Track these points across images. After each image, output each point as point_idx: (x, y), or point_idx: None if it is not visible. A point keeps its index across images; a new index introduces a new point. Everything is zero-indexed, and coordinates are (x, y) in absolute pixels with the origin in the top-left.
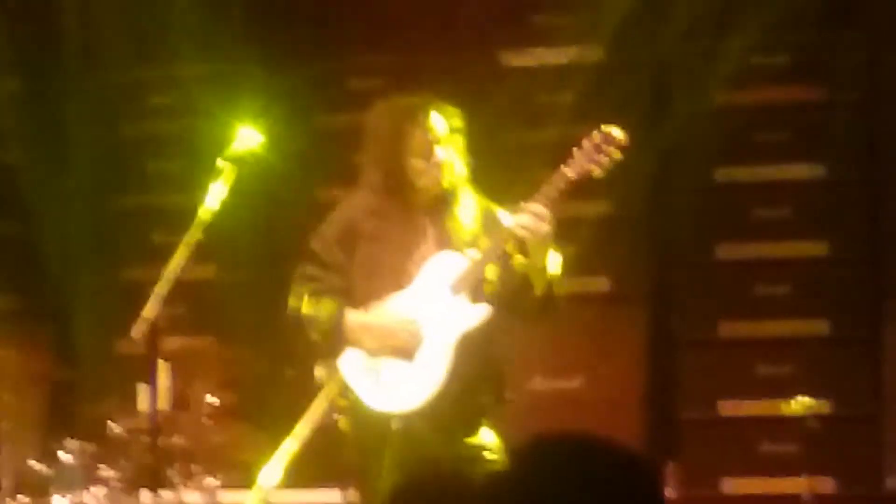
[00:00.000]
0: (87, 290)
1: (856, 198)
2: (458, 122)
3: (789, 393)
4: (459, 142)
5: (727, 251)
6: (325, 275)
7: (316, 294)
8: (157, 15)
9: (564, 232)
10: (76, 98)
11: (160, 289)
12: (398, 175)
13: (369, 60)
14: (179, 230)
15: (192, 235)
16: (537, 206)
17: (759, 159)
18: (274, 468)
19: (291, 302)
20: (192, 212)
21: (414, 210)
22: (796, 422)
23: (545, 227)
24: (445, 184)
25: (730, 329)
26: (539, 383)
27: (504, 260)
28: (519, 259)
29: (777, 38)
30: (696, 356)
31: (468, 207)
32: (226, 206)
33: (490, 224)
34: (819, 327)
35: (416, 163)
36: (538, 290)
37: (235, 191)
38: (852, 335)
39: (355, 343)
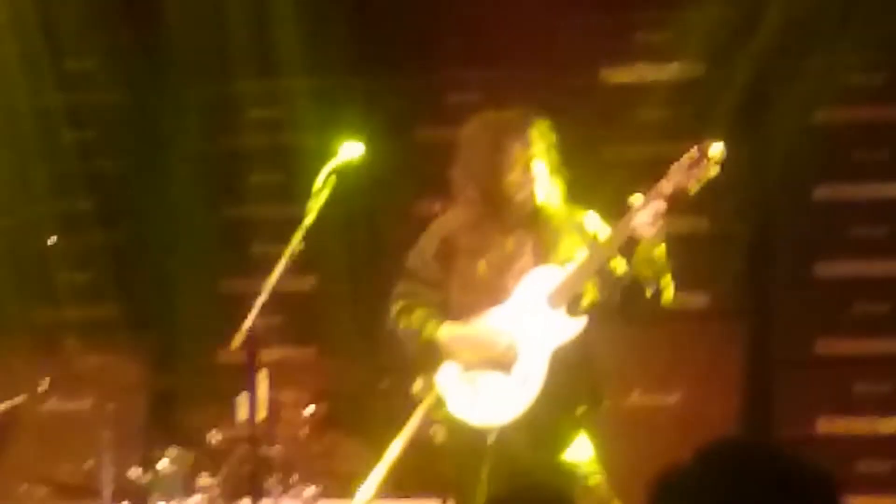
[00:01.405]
0: (187, 300)
1: None
2: (554, 136)
3: (888, 411)
4: (556, 156)
5: (826, 269)
6: (423, 290)
7: (414, 309)
8: (260, 28)
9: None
10: (180, 109)
11: (260, 299)
12: (495, 189)
13: (468, 75)
14: (280, 242)
15: (293, 247)
16: (655, 203)
17: (859, 177)
18: (372, 481)
19: (390, 316)
20: (293, 224)
21: (511, 224)
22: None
23: (660, 223)
24: (543, 198)
25: (828, 347)
26: (637, 398)
27: (605, 271)
28: (622, 266)
29: (876, 56)
30: (793, 374)
31: (564, 220)
32: (326, 218)
33: (586, 237)
34: None
35: (513, 177)
36: (648, 290)
37: (336, 203)
38: None
39: (452, 356)
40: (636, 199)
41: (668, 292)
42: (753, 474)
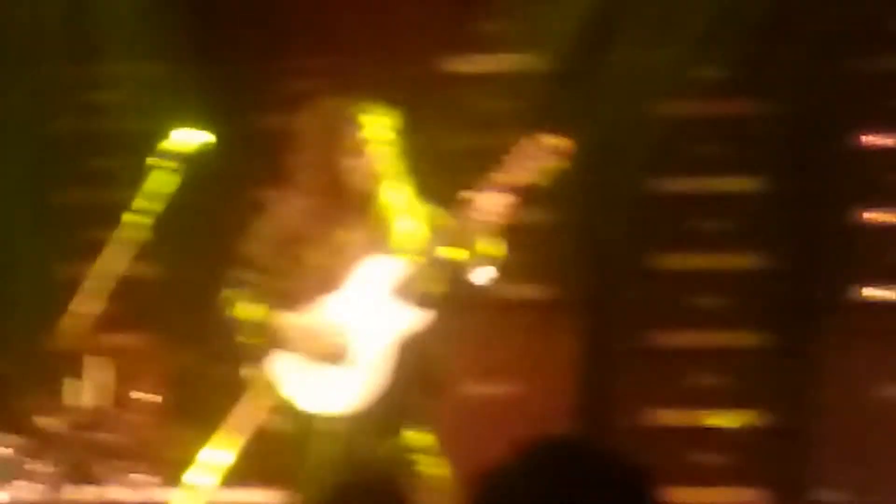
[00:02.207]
0: (20, 285)
1: (791, 210)
2: (391, 123)
3: (720, 404)
4: (393, 143)
5: (663, 261)
6: (258, 278)
7: (249, 297)
8: (99, 11)
9: (503, 239)
10: (14, 92)
11: (92, 284)
12: (329, 176)
13: (310, 63)
14: (115, 227)
15: (127, 232)
16: (493, 194)
17: (697, 170)
18: (204, 467)
19: (225, 304)
20: (128, 209)
21: (348, 211)
22: (725, 433)
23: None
24: (379, 185)
25: (663, 339)
26: (472, 388)
27: (441, 262)
28: (453, 253)
29: (715, 50)
30: (629, 365)
31: (403, 209)
32: (165, 204)
33: (427, 226)
34: (752, 339)
35: (348, 163)
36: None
37: (174, 189)
38: (785, 347)
39: (288, 346)
40: (475, 190)
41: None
42: (569, 472)
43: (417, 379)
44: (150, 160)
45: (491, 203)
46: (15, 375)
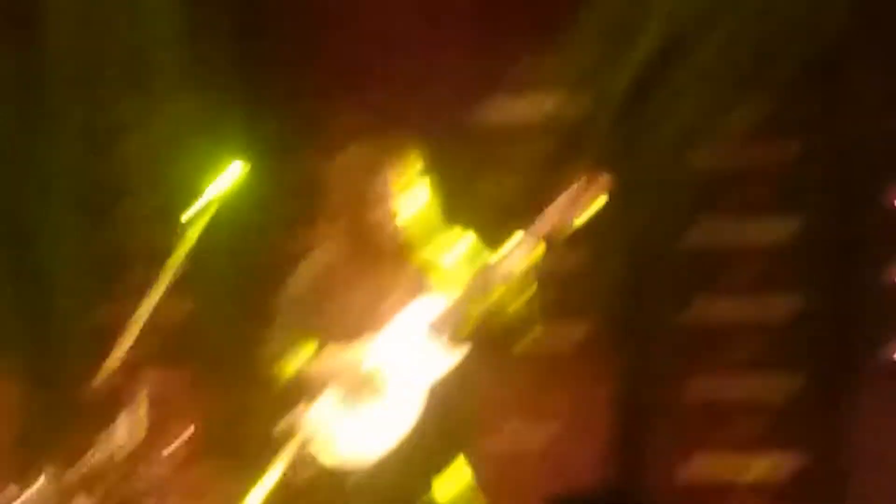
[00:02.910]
0: (63, 325)
1: (831, 255)
2: (425, 167)
3: (759, 453)
4: (428, 187)
5: (698, 309)
6: (298, 321)
7: (290, 340)
8: (141, 48)
9: (539, 283)
10: (57, 132)
11: (137, 323)
12: (364, 222)
13: (348, 103)
14: (157, 266)
15: (170, 271)
16: (524, 245)
17: (731, 217)
18: None
19: (267, 346)
20: (170, 248)
21: (383, 257)
22: (764, 482)
23: (528, 265)
24: (414, 229)
25: (698, 389)
26: (506, 436)
27: (477, 305)
28: (496, 300)
29: (750, 95)
30: (665, 415)
31: (440, 254)
32: (205, 241)
33: (462, 270)
34: (788, 386)
35: (382, 209)
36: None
37: (215, 227)
38: (824, 395)
39: (325, 390)
40: (519, 234)
41: (534, 330)
42: None
43: (452, 423)
44: (191, 199)
45: (523, 253)
46: (59, 414)
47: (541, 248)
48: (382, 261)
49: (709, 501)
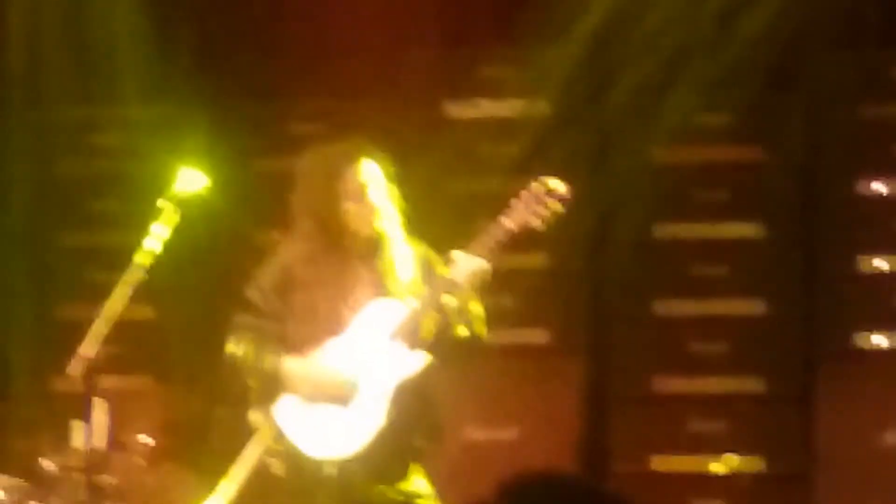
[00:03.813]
0: (22, 326)
1: (793, 258)
2: (391, 168)
3: (720, 450)
4: (393, 187)
5: (664, 307)
6: (261, 322)
7: (253, 341)
8: (102, 55)
9: (503, 283)
10: (17, 134)
11: (98, 327)
12: (331, 220)
13: (311, 105)
14: (118, 269)
15: (132, 275)
16: (475, 259)
17: (698, 217)
18: None
19: (229, 349)
20: (132, 251)
21: (348, 255)
22: (726, 479)
23: (482, 278)
24: (378, 228)
25: (663, 385)
26: (473, 433)
27: (440, 308)
28: (450, 305)
29: (718, 98)
30: (629, 411)
31: (403, 253)
32: (166, 246)
33: (427, 271)
34: (753, 385)
35: (348, 207)
36: (463, 334)
37: (175, 232)
38: (785, 394)
39: (292, 390)
40: (482, 233)
41: (482, 331)
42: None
43: (417, 423)
44: (152, 202)
45: (490, 247)
46: (17, 417)
47: (503, 248)
48: (345, 261)
49: (671, 498)
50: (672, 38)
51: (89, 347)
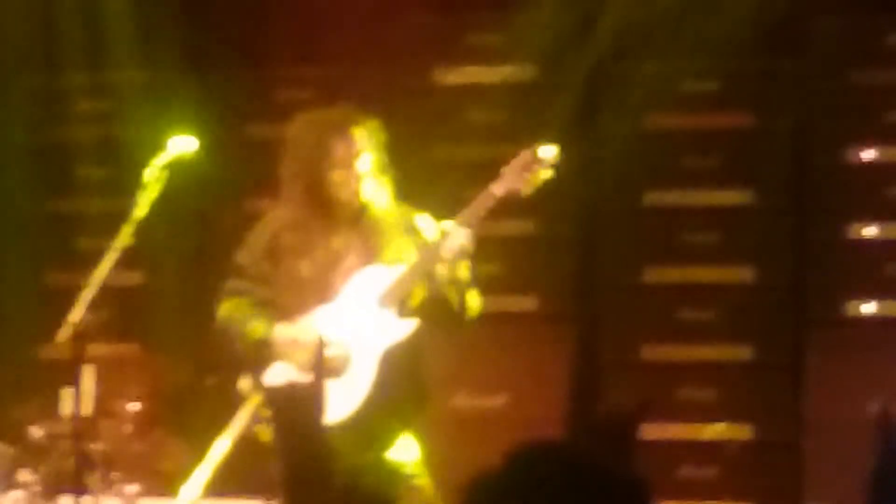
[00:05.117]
0: (10, 293)
1: (783, 225)
2: (380, 135)
3: (709, 417)
4: (382, 154)
5: (654, 274)
6: (251, 287)
7: (244, 307)
8: (91, 20)
9: (493, 250)
10: (2, 101)
11: (86, 294)
12: (319, 187)
13: (300, 72)
14: (106, 236)
15: (120, 241)
16: (462, 229)
17: (689, 184)
18: (196, 479)
19: (219, 314)
20: (120, 218)
21: (337, 222)
22: (716, 446)
23: (469, 248)
24: (367, 196)
25: (653, 352)
26: (462, 400)
27: (430, 275)
28: (440, 273)
29: (709, 63)
30: (619, 377)
31: (392, 220)
32: (154, 213)
33: (416, 238)
34: (742, 353)
35: (336, 174)
36: (454, 303)
37: (165, 198)
38: (775, 361)
39: (283, 357)
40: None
41: (473, 304)
42: (558, 478)
43: (406, 389)
44: (141, 169)
45: (479, 215)
46: (6, 384)
47: (491, 215)
48: (334, 229)
49: (661, 464)
50: (663, 3)
51: (78, 314)
